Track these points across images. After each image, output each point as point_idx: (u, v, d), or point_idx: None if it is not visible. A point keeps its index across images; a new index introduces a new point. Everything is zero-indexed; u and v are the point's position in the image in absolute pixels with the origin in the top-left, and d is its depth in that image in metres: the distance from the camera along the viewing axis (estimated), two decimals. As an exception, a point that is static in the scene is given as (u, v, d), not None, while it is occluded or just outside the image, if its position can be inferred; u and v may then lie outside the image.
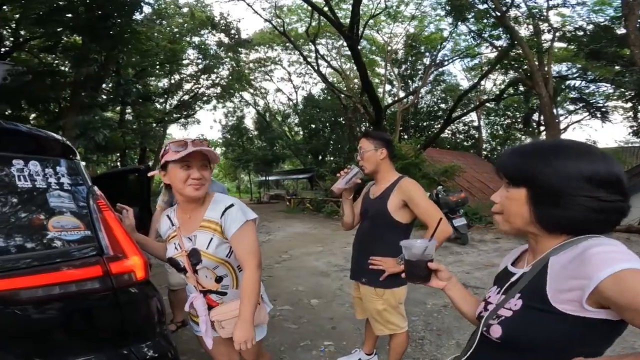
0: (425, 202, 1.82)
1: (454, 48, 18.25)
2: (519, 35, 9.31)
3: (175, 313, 3.02)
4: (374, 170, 1.96)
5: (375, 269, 1.89)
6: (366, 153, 1.94)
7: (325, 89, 21.99)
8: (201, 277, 1.42)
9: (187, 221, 1.44)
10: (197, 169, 1.34)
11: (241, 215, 1.39)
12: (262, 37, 20.56)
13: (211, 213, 1.40)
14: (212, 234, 1.37)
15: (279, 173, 28.46)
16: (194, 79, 20.49)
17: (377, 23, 17.79)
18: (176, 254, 1.42)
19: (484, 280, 4.68)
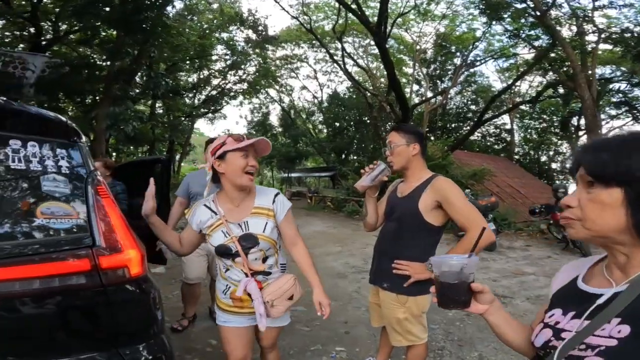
0: (463, 204, 1.65)
1: (487, 48, 17.56)
2: (561, 36, 8.75)
3: (187, 307, 2.98)
4: (404, 167, 1.79)
5: (399, 274, 1.73)
6: (397, 148, 1.77)
7: (350, 87, 21.83)
8: (251, 259, 1.53)
9: (234, 210, 1.56)
10: (253, 158, 1.51)
11: (287, 202, 1.63)
12: (289, 34, 20.67)
13: (261, 201, 1.59)
14: (266, 219, 1.55)
15: (302, 170, 28.52)
16: (221, 74, 20.83)
17: (405, 22, 17.44)
18: (226, 241, 1.51)
19: (512, 289, 4.40)
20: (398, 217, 1.78)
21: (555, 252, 6.34)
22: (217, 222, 1.55)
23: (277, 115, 27.59)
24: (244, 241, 1.51)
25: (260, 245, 1.53)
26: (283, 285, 1.54)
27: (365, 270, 5.21)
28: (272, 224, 1.56)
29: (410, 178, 1.81)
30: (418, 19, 17.38)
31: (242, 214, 1.56)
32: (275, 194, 1.62)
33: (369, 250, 2.13)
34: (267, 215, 1.57)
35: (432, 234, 1.75)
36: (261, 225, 1.54)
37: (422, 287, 1.72)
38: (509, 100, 19.45)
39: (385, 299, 1.83)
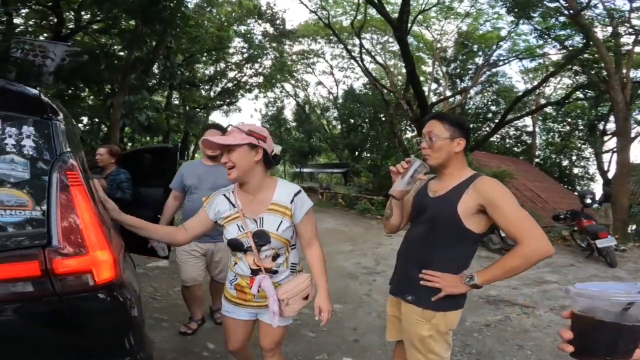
0: (514, 209, 1.38)
1: (512, 48, 16.94)
2: (595, 36, 8.25)
3: (193, 310, 2.81)
4: (442, 165, 1.54)
5: (427, 286, 1.49)
6: (438, 141, 1.51)
7: (367, 84, 21.52)
8: (262, 256, 1.50)
9: (251, 203, 1.51)
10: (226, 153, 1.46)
11: (308, 200, 1.55)
12: (307, 28, 20.54)
13: (280, 197, 1.51)
14: (281, 217, 1.49)
15: (314, 166, 28.39)
16: (238, 67, 20.78)
17: (426, 19, 17.06)
18: (240, 235, 1.48)
19: (534, 298, 4.11)
20: (430, 219, 1.53)
21: (579, 260, 5.96)
22: (235, 214, 1.51)
23: (292, 110, 27.53)
24: (257, 237, 1.48)
25: (272, 244, 1.49)
26: (300, 284, 1.52)
27: (377, 271, 5.01)
28: (287, 223, 1.50)
29: (447, 176, 1.56)
30: (440, 16, 16.92)
31: (259, 208, 1.51)
32: (295, 193, 1.54)
33: (382, 251, 1.92)
34: (283, 213, 1.50)
35: (470, 242, 1.50)
36: (275, 224, 1.49)
37: (453, 302, 1.49)
38: (534, 102, 18.77)
39: (408, 313, 1.57)
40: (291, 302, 1.50)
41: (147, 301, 3.43)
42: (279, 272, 1.54)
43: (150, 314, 3.08)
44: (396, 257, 1.71)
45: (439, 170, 1.58)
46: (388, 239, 8.05)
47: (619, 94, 8.04)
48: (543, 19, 9.42)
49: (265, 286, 1.48)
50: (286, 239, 1.51)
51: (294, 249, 1.62)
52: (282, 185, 1.56)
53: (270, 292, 1.47)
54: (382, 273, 4.91)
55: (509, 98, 20.11)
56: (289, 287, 1.51)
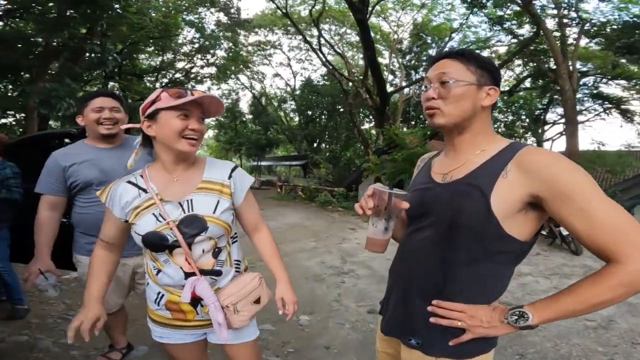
0: (605, 204, 0.80)
1: (463, 40, 17.47)
2: (545, 25, 8.47)
3: (116, 337, 2.19)
4: (460, 125, 0.96)
5: (442, 325, 0.94)
6: (458, 87, 0.93)
7: (325, 75, 21.25)
8: (196, 253, 1.16)
9: (173, 185, 1.19)
10: (196, 120, 1.16)
11: (248, 176, 1.33)
12: (263, 18, 20.05)
13: (213, 174, 1.25)
14: (218, 197, 1.21)
15: (272, 159, 27.79)
16: (187, 57, 19.45)
17: (384, 10, 17.05)
18: (159, 227, 1.13)
19: (515, 294, 3.90)
20: (441, 221, 0.95)
21: (543, 249, 6.00)
22: (147, 202, 1.17)
23: (248, 102, 26.62)
24: (186, 227, 1.14)
25: (210, 231, 1.16)
26: (246, 285, 1.23)
27: (345, 272, 4.59)
28: (226, 204, 1.22)
29: (468, 147, 0.98)
30: (397, 7, 16.99)
31: (185, 189, 1.19)
32: (232, 168, 1.28)
33: (347, 247, 1.52)
34: (220, 192, 1.22)
35: (510, 257, 0.94)
36: (211, 205, 1.19)
37: (483, 342, 0.94)
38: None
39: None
40: (240, 307, 1.20)
41: (54, 322, 2.75)
42: (222, 272, 1.22)
43: (56, 340, 2.45)
44: (388, 276, 1.13)
45: (451, 138, 1.00)
46: (352, 232, 7.75)
47: (567, 82, 8.34)
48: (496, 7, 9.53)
49: (201, 290, 1.14)
50: (227, 223, 1.21)
51: (235, 242, 1.31)
52: (212, 163, 1.29)
53: (209, 297, 1.14)
54: (350, 273, 4.53)
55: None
56: (232, 289, 1.21)
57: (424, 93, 1.00)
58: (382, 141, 11.25)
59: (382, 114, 11.05)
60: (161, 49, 18.05)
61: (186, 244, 1.14)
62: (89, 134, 1.88)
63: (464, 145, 0.99)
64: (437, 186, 1.00)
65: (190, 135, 1.14)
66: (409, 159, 10.09)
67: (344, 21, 17.80)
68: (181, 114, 1.12)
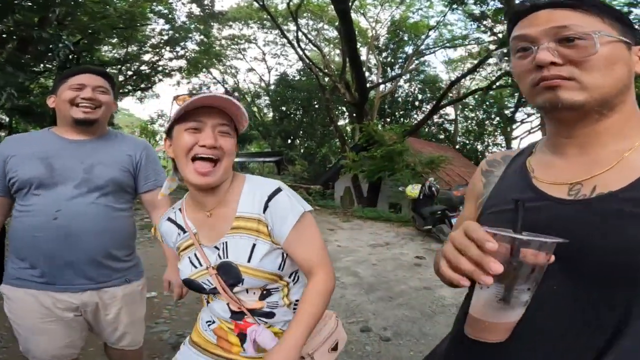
0: None
1: (437, 39, 17.61)
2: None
3: None
4: (606, 102, 0.59)
5: None
6: (604, 45, 0.57)
7: (301, 70, 20.85)
8: (241, 295, 0.98)
9: (207, 222, 0.97)
10: (211, 132, 0.88)
11: (296, 203, 0.95)
12: (239, 11, 19.47)
13: (248, 205, 0.95)
14: (254, 239, 0.94)
15: (244, 155, 27.12)
16: (155, 49, 18.34)
17: (362, 6, 16.86)
18: (195, 273, 0.96)
19: None
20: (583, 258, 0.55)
21: None
22: (186, 242, 1.00)
23: (219, 97, 25.82)
24: (223, 274, 0.94)
25: (247, 282, 0.94)
26: (322, 329, 1.03)
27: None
28: (265, 247, 0.94)
29: (612, 139, 0.62)
30: (376, 2, 16.85)
31: (219, 228, 0.97)
32: (270, 194, 0.95)
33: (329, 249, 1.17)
34: (257, 230, 0.94)
35: None
36: (245, 251, 0.94)
37: None
38: (456, 91, 19.88)
39: None
40: (317, 357, 0.98)
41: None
42: (276, 314, 1.00)
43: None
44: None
45: (582, 125, 0.62)
46: (332, 233, 7.41)
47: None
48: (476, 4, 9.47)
49: (263, 340, 0.95)
50: (270, 272, 0.95)
51: (296, 281, 1.04)
52: (250, 185, 0.99)
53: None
54: (340, 285, 4.18)
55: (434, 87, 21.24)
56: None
57: (522, 60, 0.62)
58: (361, 137, 11.00)
59: (361, 109, 10.79)
60: (125, 40, 16.89)
61: (228, 291, 0.95)
62: (59, 119, 1.44)
63: (607, 137, 0.62)
64: (560, 205, 0.61)
65: (201, 154, 0.87)
66: (388, 155, 9.93)
67: (322, 16, 17.47)
68: (190, 127, 0.88)
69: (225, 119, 0.92)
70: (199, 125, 0.88)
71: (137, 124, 26.55)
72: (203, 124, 0.89)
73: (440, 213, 6.10)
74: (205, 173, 0.88)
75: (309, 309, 0.93)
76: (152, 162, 1.54)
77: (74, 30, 13.48)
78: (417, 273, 4.58)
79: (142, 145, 1.56)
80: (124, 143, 1.51)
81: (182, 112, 0.88)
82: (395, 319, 3.13)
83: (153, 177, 1.53)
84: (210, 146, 0.87)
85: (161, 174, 1.57)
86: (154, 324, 2.90)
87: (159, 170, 1.57)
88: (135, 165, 1.49)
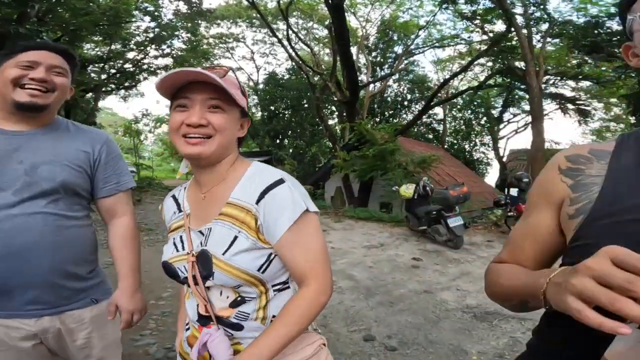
0: None
1: (427, 38, 17.65)
2: (516, 22, 8.47)
3: None
4: None
5: None
6: None
7: (290, 69, 20.68)
8: (212, 295, 0.85)
9: (201, 204, 0.90)
10: (199, 110, 0.81)
11: (299, 199, 0.81)
12: (227, 9, 19.19)
13: (242, 192, 0.84)
14: (237, 230, 0.81)
15: (234, 156, 26.73)
16: (140, 47, 17.83)
17: (353, 5, 16.77)
18: (176, 257, 0.87)
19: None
20: None
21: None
22: (177, 222, 0.94)
23: (207, 96, 25.51)
24: (201, 264, 0.83)
25: (217, 278, 0.80)
26: (300, 352, 0.84)
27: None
28: (246, 243, 0.80)
29: None
30: (367, 1, 16.81)
31: (209, 212, 0.87)
32: (270, 184, 0.81)
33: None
34: (242, 222, 0.81)
35: None
36: (224, 242, 0.81)
37: None
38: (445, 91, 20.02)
39: None
40: None
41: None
42: (244, 327, 0.84)
43: None
44: None
45: None
46: (325, 235, 7.20)
47: (535, 79, 8.41)
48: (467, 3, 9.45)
49: (215, 349, 0.81)
50: (246, 271, 0.80)
51: (280, 290, 0.88)
52: (253, 171, 0.87)
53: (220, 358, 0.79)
54: (337, 290, 4.00)
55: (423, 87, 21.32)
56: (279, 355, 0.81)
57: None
58: (352, 136, 10.87)
59: (352, 108, 10.65)
60: (109, 38, 16.35)
61: (200, 284, 0.83)
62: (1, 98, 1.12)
63: None
64: None
65: (190, 134, 0.82)
66: (380, 155, 9.80)
67: (312, 15, 17.33)
68: (177, 104, 0.84)
69: (215, 93, 0.82)
70: (185, 102, 0.83)
71: (120, 123, 25.82)
72: (190, 101, 0.83)
73: (435, 213, 5.97)
74: (196, 142, 0.82)
75: (289, 315, 0.79)
76: (114, 160, 1.26)
77: (55, 27, 13.00)
78: (415, 275, 4.44)
79: (102, 139, 1.26)
80: (78, 136, 1.21)
81: (174, 92, 0.84)
82: (399, 325, 2.96)
83: (114, 179, 1.26)
84: (196, 124, 0.81)
85: (124, 175, 1.29)
86: (139, 337, 2.66)
87: (122, 170, 1.29)
88: (92, 164, 1.21)
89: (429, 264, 4.93)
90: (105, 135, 1.30)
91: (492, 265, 0.77)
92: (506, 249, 0.76)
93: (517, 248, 0.73)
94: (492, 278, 0.73)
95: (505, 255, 0.76)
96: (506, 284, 0.66)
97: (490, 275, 0.74)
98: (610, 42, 7.76)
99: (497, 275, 0.71)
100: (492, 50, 9.60)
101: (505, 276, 0.68)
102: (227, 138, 0.85)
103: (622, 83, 8.93)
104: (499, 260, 0.77)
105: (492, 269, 0.75)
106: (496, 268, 0.74)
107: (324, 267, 0.85)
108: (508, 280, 0.66)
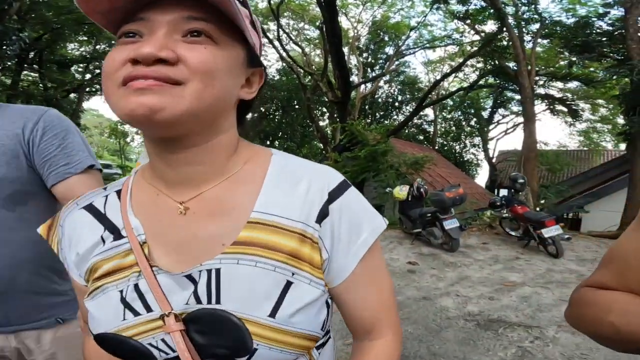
0: None
1: (417, 39, 17.67)
2: (509, 22, 8.43)
3: None
4: None
5: None
6: None
7: (281, 69, 20.48)
8: None
9: (175, 223, 0.50)
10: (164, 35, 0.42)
11: (372, 209, 0.54)
12: None
13: (278, 201, 0.49)
14: (289, 271, 0.47)
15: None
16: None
17: (344, 5, 16.71)
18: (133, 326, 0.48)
19: (524, 311, 3.27)
20: None
21: (519, 251, 5.53)
22: (118, 257, 0.50)
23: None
24: (203, 335, 0.46)
25: (258, 356, 0.45)
26: None
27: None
28: (311, 291, 0.48)
29: None
30: (358, 1, 16.76)
31: (204, 240, 0.48)
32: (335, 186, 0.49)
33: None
34: (294, 256, 0.47)
35: None
36: (266, 293, 0.46)
37: None
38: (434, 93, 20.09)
39: None
40: None
41: None
42: None
43: None
44: None
45: None
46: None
47: (527, 80, 8.38)
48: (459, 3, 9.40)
49: None
50: (310, 335, 0.48)
51: (322, 346, 0.56)
52: (284, 163, 0.53)
53: None
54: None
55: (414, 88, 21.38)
56: None
57: None
58: (344, 137, 10.73)
59: (344, 108, 10.51)
60: (93, 37, 15.94)
61: None
62: None
63: None
64: None
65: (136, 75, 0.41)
66: (372, 156, 9.68)
67: (303, 15, 17.22)
68: (123, 31, 0.45)
69: (198, 9, 0.44)
70: (138, 28, 0.44)
71: (106, 125, 25.24)
72: (148, 24, 0.44)
73: (430, 215, 5.84)
74: (146, 86, 0.41)
75: None
76: (57, 136, 0.97)
77: (36, 26, 12.60)
78: (412, 281, 4.28)
79: (36, 114, 0.96)
80: (4, 118, 0.94)
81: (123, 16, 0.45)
82: (399, 336, 2.79)
83: (62, 159, 0.97)
84: (151, 57, 0.41)
85: (77, 153, 0.99)
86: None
87: (73, 147, 0.99)
88: (27, 147, 0.94)
89: (426, 269, 4.78)
90: (42, 109, 1.00)
91: (588, 293, 0.57)
92: (608, 270, 0.56)
93: (629, 269, 0.52)
94: (594, 313, 0.53)
95: (607, 278, 0.55)
96: (625, 327, 0.47)
97: (588, 308, 0.55)
98: (601, 42, 7.79)
99: (602, 310, 0.51)
100: (484, 50, 9.57)
101: (618, 312, 0.49)
102: (217, 91, 0.45)
103: (615, 82, 8.98)
104: (598, 284, 0.56)
105: (589, 299, 0.55)
106: (597, 298, 0.54)
107: (395, 309, 0.60)
108: (626, 319, 0.47)
